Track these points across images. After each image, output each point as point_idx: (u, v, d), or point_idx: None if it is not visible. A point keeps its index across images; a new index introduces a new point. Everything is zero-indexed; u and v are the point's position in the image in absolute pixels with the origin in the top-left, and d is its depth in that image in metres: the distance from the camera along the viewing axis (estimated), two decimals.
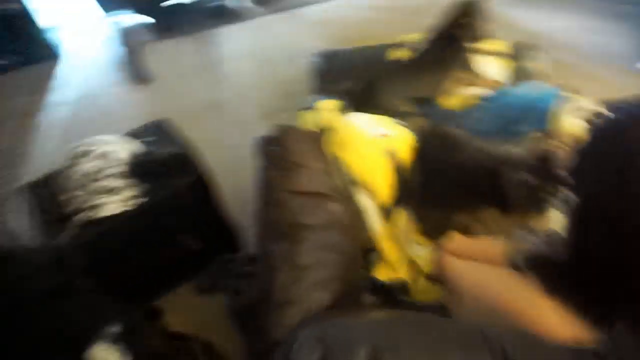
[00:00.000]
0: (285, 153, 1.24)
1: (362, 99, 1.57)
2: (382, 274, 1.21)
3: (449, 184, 1.15)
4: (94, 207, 1.38)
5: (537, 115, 1.32)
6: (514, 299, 0.77)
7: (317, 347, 0.59)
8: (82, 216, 1.37)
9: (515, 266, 0.85)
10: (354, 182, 1.22)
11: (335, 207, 1.19)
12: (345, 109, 1.49)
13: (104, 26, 3.27)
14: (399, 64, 1.71)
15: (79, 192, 1.39)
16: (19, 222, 1.48)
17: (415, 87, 1.63)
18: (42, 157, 2.24)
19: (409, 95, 1.62)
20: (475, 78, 1.64)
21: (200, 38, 3.14)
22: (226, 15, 3.28)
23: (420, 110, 1.60)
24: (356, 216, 1.22)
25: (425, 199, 1.16)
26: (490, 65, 1.66)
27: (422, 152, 1.22)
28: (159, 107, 2.55)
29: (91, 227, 1.35)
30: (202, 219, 1.59)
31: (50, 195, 1.45)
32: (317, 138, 1.31)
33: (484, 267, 0.89)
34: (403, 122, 1.37)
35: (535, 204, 0.99)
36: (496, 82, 1.59)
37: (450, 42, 1.61)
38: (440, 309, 1.01)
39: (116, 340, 0.86)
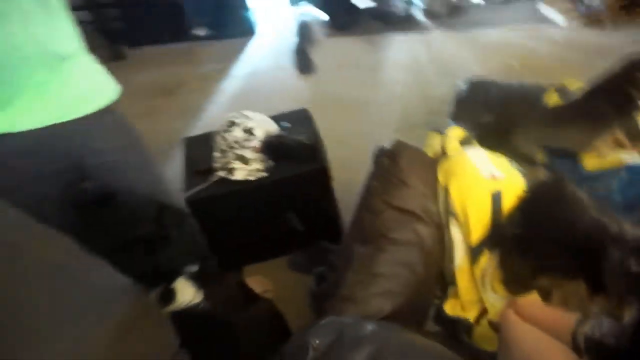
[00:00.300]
0: (393, 167, 1.32)
1: (495, 135, 1.55)
2: (451, 309, 1.22)
3: (546, 243, 1.10)
4: (228, 170, 1.64)
5: None
6: None
7: (333, 332, 0.67)
8: (218, 174, 1.65)
9: (576, 347, 0.81)
10: (451, 213, 1.24)
11: (422, 230, 1.23)
12: (470, 140, 1.49)
13: (290, 14, 3.67)
14: (547, 109, 1.62)
15: (221, 154, 1.66)
16: (174, 169, 1.82)
17: (557, 137, 1.54)
18: (210, 117, 2.67)
19: (547, 144, 1.54)
20: (635, 142, 1.48)
21: (369, 41, 3.31)
22: (399, 24, 3.39)
23: (553, 162, 1.51)
24: (441, 244, 1.25)
25: (516, 250, 1.13)
26: None
27: (528, 202, 1.18)
28: (312, 95, 2.82)
29: (221, 185, 1.62)
30: (313, 205, 1.76)
31: (202, 151, 1.77)
32: (429, 162, 1.35)
33: (545, 338, 0.86)
34: (522, 169, 1.32)
35: (631, 295, 0.90)
36: None
37: (615, 97, 1.48)
38: None
39: (194, 278, 1.07)
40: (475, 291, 1.18)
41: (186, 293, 1.14)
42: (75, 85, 1.06)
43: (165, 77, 3.22)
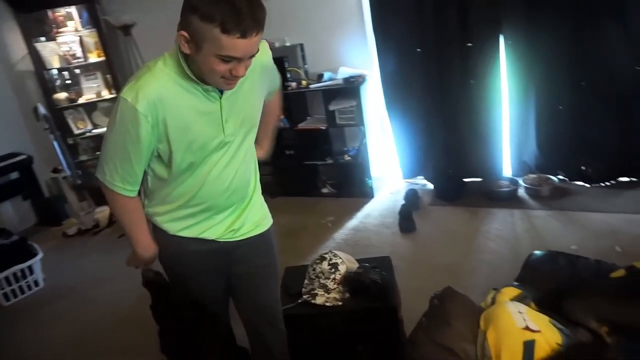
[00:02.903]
0: (440, 308, 1.53)
1: (550, 299, 1.66)
2: None
3: None
4: (312, 295, 1.98)
5: None
6: None
7: None
8: (305, 297, 2.00)
9: None
10: (487, 357, 1.38)
11: None
12: (523, 299, 1.63)
13: (404, 184, 4.23)
14: (609, 280, 1.70)
15: (309, 282, 2.03)
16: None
17: (619, 311, 1.59)
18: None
19: (606, 317, 1.59)
20: None
21: (471, 212, 3.60)
22: (502, 200, 3.65)
23: (619, 341, 1.54)
24: None
25: None
26: None
27: (561, 354, 1.28)
28: (406, 253, 3.12)
29: (305, 306, 1.96)
30: (382, 341, 1.96)
31: (297, 278, 2.16)
32: (474, 309, 1.54)
33: None
34: (565, 329, 1.42)
35: None
36: None
37: None
38: None
39: None
40: None
41: None
42: (257, 212, 1.61)
43: (292, 222, 3.86)
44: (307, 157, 4.26)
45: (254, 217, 1.58)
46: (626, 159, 3.52)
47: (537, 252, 2.07)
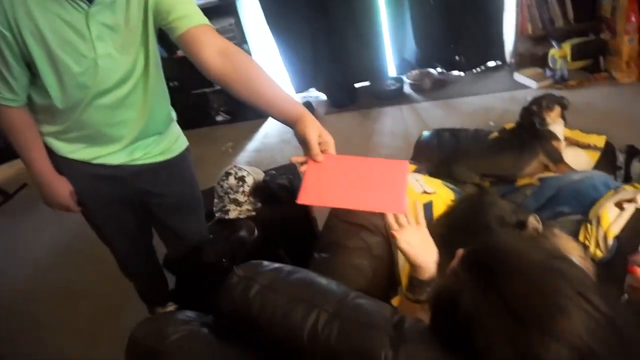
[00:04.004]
0: None
1: (440, 167, 1.84)
2: (398, 304, 1.43)
3: (461, 237, 1.34)
4: (224, 212, 1.97)
5: (584, 201, 1.40)
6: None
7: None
8: (218, 215, 1.99)
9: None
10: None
11: (370, 238, 1.49)
12: (417, 172, 1.78)
13: (297, 98, 4.23)
14: (484, 142, 1.92)
15: (219, 200, 2.01)
16: None
17: (494, 165, 1.82)
18: None
19: (485, 172, 1.82)
20: (557, 165, 1.74)
21: (364, 114, 3.76)
22: (391, 98, 3.85)
23: (492, 186, 1.77)
24: (389, 251, 1.50)
25: (441, 248, 1.37)
26: (573, 155, 1.74)
27: (453, 208, 1.45)
28: None
29: (219, 223, 1.95)
30: (299, 240, 2.04)
31: (206, 201, 2.12)
32: None
33: None
34: (457, 188, 1.60)
35: None
36: (570, 168, 1.66)
37: (533, 129, 1.77)
38: None
39: None
40: None
41: None
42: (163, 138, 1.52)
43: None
44: (193, 86, 4.01)
45: (158, 143, 1.50)
46: (493, 45, 3.85)
47: (425, 132, 2.25)
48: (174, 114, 1.59)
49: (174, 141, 1.58)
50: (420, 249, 1.12)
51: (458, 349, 0.72)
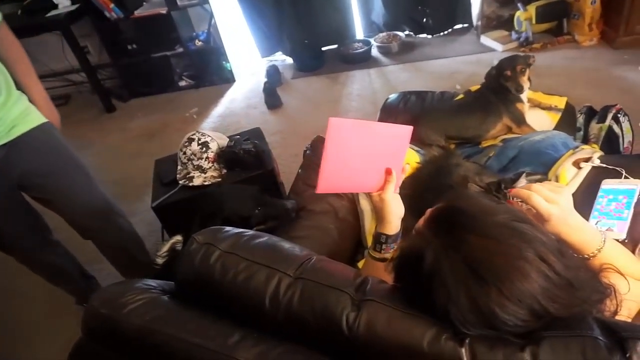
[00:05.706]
0: (314, 156, 1.60)
1: None
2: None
3: (426, 200, 1.35)
4: (188, 179, 1.92)
5: (544, 161, 1.42)
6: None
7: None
8: (182, 182, 1.93)
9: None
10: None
11: (336, 202, 1.49)
12: None
13: (264, 63, 4.11)
14: (449, 104, 1.92)
15: (182, 167, 1.95)
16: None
17: (459, 126, 1.83)
18: None
19: (450, 134, 1.82)
20: (521, 126, 1.76)
21: (332, 78, 3.70)
22: (358, 62, 3.78)
23: (457, 147, 1.79)
24: (354, 214, 1.50)
25: (407, 209, 1.38)
26: (535, 116, 1.76)
27: (418, 170, 1.45)
28: (278, 126, 3.15)
29: (184, 190, 1.90)
30: (264, 203, 2.01)
31: (169, 168, 2.06)
32: None
33: None
34: (422, 151, 1.60)
35: None
36: (532, 130, 1.69)
37: (498, 91, 1.78)
38: None
39: None
40: None
41: None
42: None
43: (153, 123, 3.59)
44: (153, 49, 3.80)
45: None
46: (460, 8, 3.81)
47: (391, 95, 2.22)
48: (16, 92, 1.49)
49: (22, 113, 1.49)
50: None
51: (420, 307, 0.72)
